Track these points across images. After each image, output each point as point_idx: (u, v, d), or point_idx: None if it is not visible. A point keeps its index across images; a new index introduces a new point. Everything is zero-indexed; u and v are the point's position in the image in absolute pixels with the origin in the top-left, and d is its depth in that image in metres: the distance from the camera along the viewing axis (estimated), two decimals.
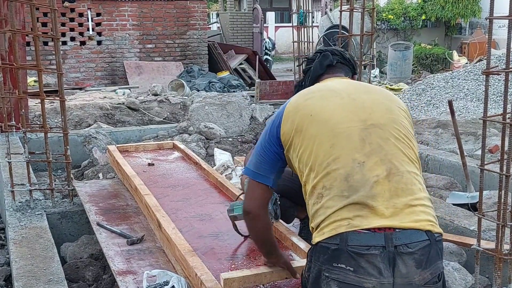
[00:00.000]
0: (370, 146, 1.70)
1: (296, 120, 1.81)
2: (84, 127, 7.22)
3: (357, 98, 1.83)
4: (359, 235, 1.58)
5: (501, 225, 2.49)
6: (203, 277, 2.25)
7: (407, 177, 1.69)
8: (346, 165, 1.67)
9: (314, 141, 1.74)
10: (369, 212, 1.60)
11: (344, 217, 1.61)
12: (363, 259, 1.56)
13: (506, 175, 2.44)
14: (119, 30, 11.70)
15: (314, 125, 1.76)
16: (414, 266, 1.59)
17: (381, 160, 1.68)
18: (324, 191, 1.67)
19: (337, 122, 1.75)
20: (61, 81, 3.64)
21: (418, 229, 1.61)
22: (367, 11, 4.51)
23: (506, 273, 2.59)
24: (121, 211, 3.48)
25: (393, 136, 1.74)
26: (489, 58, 2.51)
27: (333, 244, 1.60)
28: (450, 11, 15.93)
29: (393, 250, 1.57)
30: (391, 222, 1.60)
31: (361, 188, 1.63)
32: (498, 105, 7.60)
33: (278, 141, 1.87)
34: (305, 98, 1.87)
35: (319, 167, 1.70)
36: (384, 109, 1.82)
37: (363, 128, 1.73)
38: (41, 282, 2.62)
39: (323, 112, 1.79)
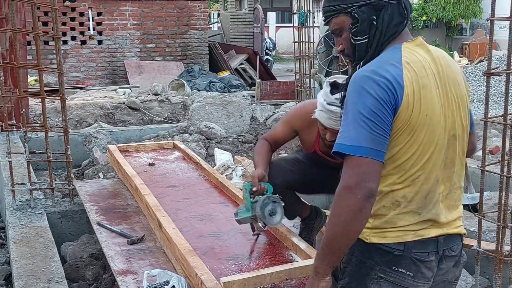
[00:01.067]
0: (446, 160, 1.65)
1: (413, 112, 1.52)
2: (84, 126, 7.23)
3: (448, 91, 1.62)
4: (422, 243, 1.62)
5: (502, 226, 2.49)
6: (203, 277, 2.25)
7: (458, 194, 1.73)
8: (430, 181, 1.62)
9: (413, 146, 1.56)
10: (433, 225, 1.64)
11: (412, 229, 1.62)
12: (423, 265, 1.62)
13: (506, 176, 2.44)
14: (120, 30, 11.70)
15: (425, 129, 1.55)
16: (453, 266, 1.70)
17: (448, 177, 1.67)
18: (403, 200, 1.61)
19: (438, 133, 1.58)
20: (61, 80, 3.64)
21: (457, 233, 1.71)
22: None
23: (506, 274, 2.59)
24: (121, 211, 3.48)
25: (462, 150, 1.71)
26: (490, 59, 2.51)
27: (397, 250, 1.60)
28: (451, 12, 15.94)
29: (441, 253, 1.65)
30: (443, 230, 1.66)
31: (432, 207, 1.64)
32: (499, 106, 7.61)
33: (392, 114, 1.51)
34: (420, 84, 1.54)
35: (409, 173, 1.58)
36: (465, 113, 1.69)
37: (448, 139, 1.64)
38: (41, 281, 2.62)
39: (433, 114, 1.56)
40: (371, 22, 1.61)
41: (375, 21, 1.61)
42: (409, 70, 1.54)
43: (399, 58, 1.56)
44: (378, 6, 1.61)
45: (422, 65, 1.58)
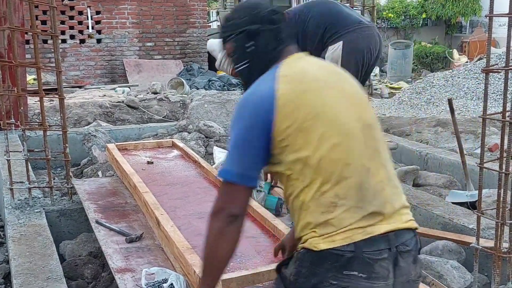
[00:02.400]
0: (371, 150, 1.64)
1: (298, 117, 1.57)
2: (83, 125, 7.22)
3: (343, 88, 1.69)
4: (372, 240, 1.57)
5: (500, 223, 2.49)
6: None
7: (396, 179, 1.71)
8: (357, 172, 1.59)
9: (323, 143, 1.57)
10: (381, 219, 1.61)
11: (358, 226, 1.57)
12: (376, 264, 1.56)
13: (505, 173, 2.44)
14: (119, 28, 11.69)
15: (321, 124, 1.57)
16: (412, 262, 1.63)
17: (380, 164, 1.65)
18: (338, 200, 1.57)
19: (343, 122, 1.61)
20: (60, 79, 3.64)
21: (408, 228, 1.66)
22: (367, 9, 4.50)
23: (505, 271, 2.60)
24: (120, 209, 3.48)
25: (380, 138, 1.72)
26: (489, 56, 2.51)
27: (347, 251, 1.54)
28: (451, 9, 15.93)
29: (395, 250, 1.59)
30: (392, 225, 1.62)
31: (373, 197, 1.60)
32: (498, 104, 7.60)
33: (269, 138, 1.58)
34: (300, 90, 1.60)
35: (328, 173, 1.56)
36: (366, 103, 1.74)
37: (361, 129, 1.64)
38: (40, 279, 2.62)
39: (326, 109, 1.60)
40: (247, 48, 1.73)
41: (253, 47, 1.73)
42: (285, 81, 1.61)
43: (275, 74, 1.64)
44: (252, 34, 1.72)
45: (303, 74, 1.65)
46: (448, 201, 3.89)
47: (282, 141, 1.58)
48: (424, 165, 5.15)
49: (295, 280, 1.61)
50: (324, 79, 1.67)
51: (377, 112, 8.53)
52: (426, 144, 5.99)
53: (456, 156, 4.79)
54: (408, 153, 5.45)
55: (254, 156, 1.60)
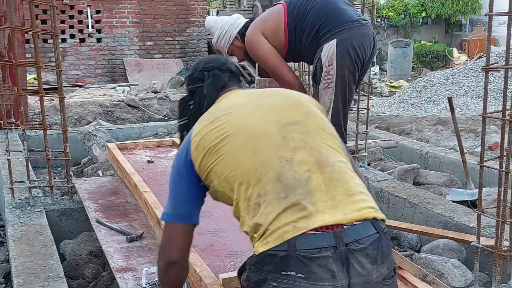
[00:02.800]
0: (294, 142, 1.62)
1: (206, 145, 1.67)
2: (83, 124, 7.22)
3: (263, 104, 1.75)
4: (308, 237, 1.47)
5: (501, 222, 2.49)
6: (202, 274, 2.25)
7: (339, 167, 1.62)
8: (274, 166, 1.57)
9: (233, 155, 1.62)
10: (311, 210, 1.51)
11: (287, 222, 1.50)
12: (314, 263, 1.45)
13: (505, 171, 2.44)
14: (119, 28, 11.69)
15: (228, 140, 1.64)
16: (369, 262, 1.50)
17: (308, 153, 1.60)
18: (259, 199, 1.55)
19: (250, 128, 1.65)
20: (60, 78, 3.63)
21: (364, 219, 1.53)
22: (367, 8, 4.49)
23: (505, 269, 2.60)
24: (120, 208, 3.48)
25: (313, 129, 1.68)
26: (488, 54, 2.51)
27: (281, 251, 1.48)
28: (451, 8, 15.92)
29: (344, 249, 1.47)
30: (334, 216, 1.51)
31: (297, 186, 1.54)
32: (498, 102, 7.60)
33: (194, 174, 1.72)
34: (207, 122, 1.73)
35: (247, 177, 1.59)
36: (294, 106, 1.75)
37: (280, 127, 1.65)
38: (41, 279, 2.62)
39: (232, 126, 1.67)
40: (188, 106, 1.93)
41: (191, 105, 1.92)
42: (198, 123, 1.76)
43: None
44: (192, 92, 1.93)
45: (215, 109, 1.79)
46: (448, 200, 3.89)
47: (205, 171, 1.69)
48: (424, 163, 5.15)
49: (247, 285, 1.60)
50: (242, 103, 1.77)
51: (377, 110, 8.53)
52: (427, 142, 5.99)
53: (457, 155, 4.79)
54: (408, 151, 5.45)
55: (184, 195, 1.75)
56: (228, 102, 1.82)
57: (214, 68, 1.93)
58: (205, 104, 1.87)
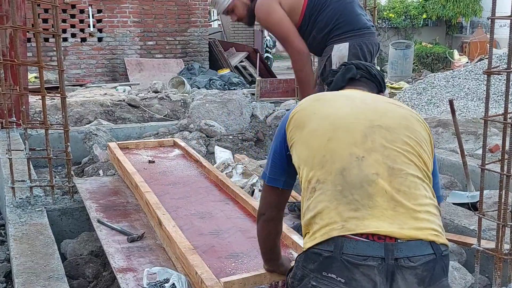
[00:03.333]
0: (372, 144, 1.57)
1: (299, 118, 1.74)
2: (84, 123, 7.22)
3: (371, 103, 1.74)
4: (357, 243, 1.44)
5: (501, 225, 2.49)
6: (203, 276, 2.25)
7: (411, 180, 1.54)
8: (342, 158, 1.55)
9: (312, 135, 1.66)
10: (366, 213, 1.47)
11: (337, 220, 1.47)
12: (357, 270, 1.42)
13: (506, 174, 2.44)
14: (120, 27, 11.69)
15: (315, 120, 1.69)
16: (416, 283, 1.44)
17: (383, 159, 1.54)
18: (317, 185, 1.56)
19: (339, 117, 1.66)
20: (62, 77, 3.64)
21: (420, 239, 1.46)
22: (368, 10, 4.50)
23: (506, 272, 2.60)
24: (121, 208, 3.48)
25: (400, 141, 1.61)
26: (490, 58, 2.51)
27: (326, 251, 1.46)
28: (451, 10, 15.93)
29: (393, 263, 1.42)
30: (389, 227, 1.45)
31: (357, 185, 1.50)
32: (498, 105, 7.60)
33: (285, 144, 1.79)
34: (313, 100, 1.82)
35: (314, 160, 1.60)
36: (399, 115, 1.69)
37: (368, 126, 1.61)
38: (41, 278, 2.62)
39: (327, 109, 1.71)
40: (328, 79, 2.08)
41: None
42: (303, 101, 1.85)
43: None
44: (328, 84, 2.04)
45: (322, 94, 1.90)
46: (449, 202, 3.89)
47: (291, 143, 1.76)
48: None
49: (291, 283, 1.61)
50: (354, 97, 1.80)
51: None
52: None
53: (457, 157, 4.80)
54: None
55: (275, 160, 1.85)
56: (344, 92, 1.88)
57: (352, 64, 1.98)
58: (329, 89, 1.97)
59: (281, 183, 1.86)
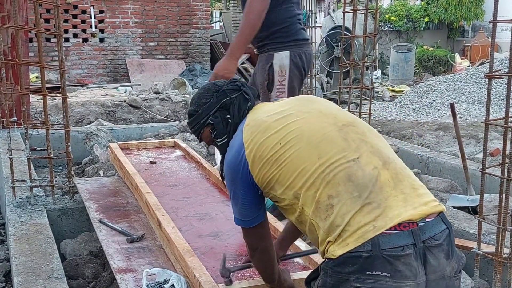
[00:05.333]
0: (355, 143, 1.66)
1: (264, 154, 1.70)
2: (85, 124, 7.23)
3: (310, 110, 1.78)
4: (390, 236, 1.50)
5: (501, 229, 2.49)
6: (201, 279, 2.25)
7: (397, 163, 1.69)
8: (343, 167, 1.60)
9: (297, 161, 1.64)
10: (384, 206, 1.54)
11: (367, 222, 1.52)
12: (399, 261, 1.48)
13: (507, 178, 2.44)
14: (122, 28, 11.70)
15: (289, 147, 1.67)
16: (444, 257, 1.55)
17: (371, 152, 1.65)
18: (331, 200, 1.57)
19: (310, 134, 1.67)
20: (63, 77, 3.64)
21: (430, 213, 1.57)
22: (370, 13, 4.51)
23: (505, 277, 2.59)
24: (121, 209, 3.48)
25: (366, 130, 1.74)
26: (492, 62, 2.51)
27: (365, 251, 1.49)
28: (453, 13, 15.93)
29: (422, 245, 1.51)
30: (406, 210, 1.53)
31: (368, 184, 1.57)
32: (499, 108, 7.61)
33: (255, 186, 1.76)
34: (258, 132, 1.74)
35: (316, 180, 1.61)
36: (337, 109, 1.82)
37: (338, 130, 1.68)
38: (41, 278, 2.62)
39: (290, 133, 1.69)
40: (226, 120, 1.89)
41: (229, 119, 1.89)
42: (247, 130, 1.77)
43: (241, 128, 1.81)
44: (226, 105, 1.90)
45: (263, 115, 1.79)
46: (449, 205, 3.89)
47: (265, 181, 1.72)
48: (425, 169, 5.15)
49: None
50: (285, 111, 1.78)
51: (378, 115, 8.53)
52: (428, 148, 5.99)
53: (458, 160, 4.79)
54: (409, 156, 5.45)
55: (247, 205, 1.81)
56: (270, 111, 1.82)
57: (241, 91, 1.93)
58: (243, 113, 1.87)
59: (262, 217, 1.87)
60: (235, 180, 1.79)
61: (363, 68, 4.78)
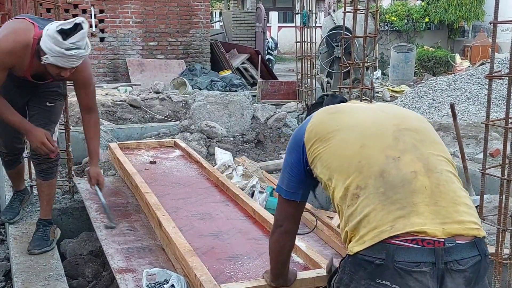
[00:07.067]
0: (405, 145, 1.63)
1: (320, 132, 1.75)
2: None
3: (388, 110, 1.81)
4: (408, 250, 1.46)
5: (501, 230, 2.49)
6: (202, 278, 2.25)
7: (447, 175, 1.60)
8: (379, 161, 1.59)
9: (342, 145, 1.67)
10: (410, 210, 1.50)
11: (385, 221, 1.50)
12: (411, 277, 1.45)
13: (507, 179, 2.44)
14: (122, 27, 11.69)
15: (342, 132, 1.70)
16: (463, 284, 1.49)
17: (417, 157, 1.60)
18: (359, 191, 1.57)
19: (367, 126, 1.70)
20: None
21: (462, 235, 1.50)
22: (370, 13, 4.50)
23: (505, 277, 2.59)
24: (121, 209, 3.48)
25: (428, 139, 1.69)
26: (492, 63, 2.52)
27: (378, 258, 1.48)
28: (454, 14, 15.92)
29: (443, 267, 1.46)
30: (433, 224, 1.48)
31: (399, 185, 1.54)
32: (500, 109, 7.61)
33: (304, 158, 1.80)
34: (329, 112, 1.83)
35: (350, 167, 1.62)
36: (416, 118, 1.80)
37: (396, 130, 1.68)
38: (41, 278, 2.62)
39: (351, 120, 1.74)
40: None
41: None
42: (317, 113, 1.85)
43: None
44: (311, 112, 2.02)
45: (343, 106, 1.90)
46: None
47: (313, 156, 1.76)
48: None
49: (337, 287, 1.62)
50: (368, 106, 1.86)
51: None
52: None
53: (458, 161, 4.78)
54: None
55: (292, 176, 1.86)
56: (350, 105, 1.93)
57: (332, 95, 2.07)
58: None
59: (299, 196, 1.88)
60: (291, 147, 1.87)
61: (363, 69, 4.77)
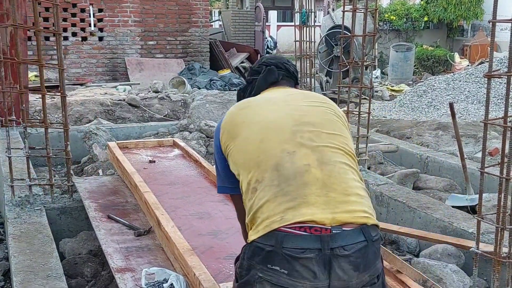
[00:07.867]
0: (302, 139, 1.70)
1: (230, 128, 1.82)
2: (84, 123, 7.22)
3: (293, 104, 1.85)
4: (295, 237, 1.54)
5: (500, 228, 2.49)
6: (201, 277, 2.25)
7: (340, 167, 1.68)
8: (275, 155, 1.67)
9: (246, 141, 1.75)
10: (301, 201, 1.58)
11: (276, 212, 1.58)
12: (297, 262, 1.53)
13: (506, 178, 2.44)
14: (121, 26, 11.68)
15: (247, 128, 1.77)
16: (351, 269, 1.55)
17: (312, 151, 1.68)
18: (257, 184, 1.66)
19: (269, 121, 1.76)
20: (62, 76, 3.64)
21: (351, 222, 1.58)
22: (369, 12, 4.50)
23: (504, 276, 2.60)
24: (120, 208, 3.48)
25: (325, 132, 1.75)
26: (491, 62, 2.51)
27: (268, 245, 1.56)
28: (453, 13, 15.92)
29: (329, 252, 1.53)
30: (322, 213, 1.56)
31: (291, 177, 1.62)
32: (498, 108, 7.61)
33: (223, 154, 1.86)
34: (239, 108, 1.89)
35: (251, 162, 1.70)
36: (320, 111, 1.84)
37: (295, 125, 1.74)
38: (40, 277, 2.62)
39: (255, 116, 1.80)
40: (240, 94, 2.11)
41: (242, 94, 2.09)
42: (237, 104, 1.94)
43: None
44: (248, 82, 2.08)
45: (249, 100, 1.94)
46: (448, 205, 3.89)
47: (226, 152, 1.82)
48: (424, 168, 5.16)
49: (239, 273, 1.68)
50: (276, 99, 1.89)
51: (378, 114, 8.54)
52: (427, 147, 5.99)
53: (457, 160, 4.80)
54: (408, 156, 5.46)
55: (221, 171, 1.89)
56: (267, 96, 1.96)
57: (272, 64, 2.04)
58: (252, 94, 2.02)
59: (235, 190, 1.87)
60: (215, 145, 1.91)
61: (363, 68, 4.77)
